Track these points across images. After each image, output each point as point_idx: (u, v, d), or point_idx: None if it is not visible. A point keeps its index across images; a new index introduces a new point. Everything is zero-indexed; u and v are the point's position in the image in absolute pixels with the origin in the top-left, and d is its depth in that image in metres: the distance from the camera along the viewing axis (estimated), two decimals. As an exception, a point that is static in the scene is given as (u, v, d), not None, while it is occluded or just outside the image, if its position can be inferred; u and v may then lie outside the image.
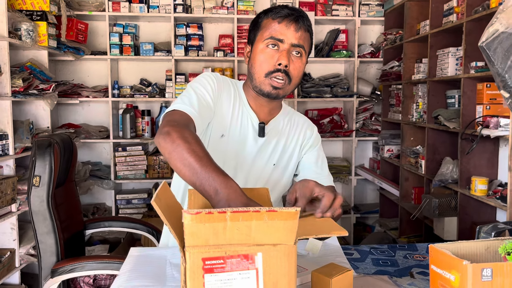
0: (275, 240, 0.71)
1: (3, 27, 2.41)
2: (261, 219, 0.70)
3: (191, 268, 0.69)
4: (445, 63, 2.66)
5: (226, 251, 0.70)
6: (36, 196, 1.78)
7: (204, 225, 0.68)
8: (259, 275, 0.71)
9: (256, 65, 1.29)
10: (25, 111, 2.91)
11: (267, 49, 1.27)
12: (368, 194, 4.00)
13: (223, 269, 0.70)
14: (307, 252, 1.27)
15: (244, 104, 1.38)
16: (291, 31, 1.25)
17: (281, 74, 1.26)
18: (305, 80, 3.71)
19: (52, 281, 1.77)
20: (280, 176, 1.42)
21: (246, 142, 1.36)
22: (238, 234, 0.69)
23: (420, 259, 1.26)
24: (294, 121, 1.48)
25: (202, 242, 0.69)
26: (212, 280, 0.69)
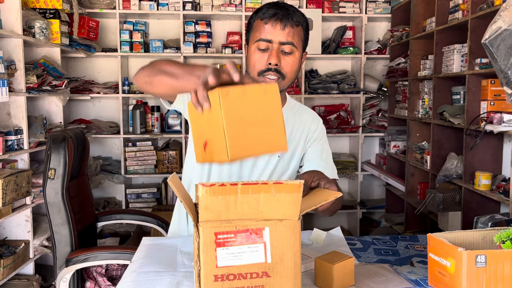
0: (281, 215, 0.77)
1: (18, 25, 2.48)
2: (269, 191, 0.75)
3: (204, 242, 0.73)
4: (451, 59, 2.69)
5: (237, 226, 0.75)
6: (51, 188, 1.85)
7: (217, 197, 0.73)
8: (267, 248, 0.76)
9: (250, 65, 1.37)
10: (39, 106, 2.98)
11: (258, 51, 1.34)
12: (374, 190, 4.04)
13: (234, 243, 0.75)
14: (312, 242, 1.33)
15: None
16: (278, 30, 1.31)
17: (272, 73, 1.33)
18: (312, 76, 3.75)
19: (66, 270, 1.84)
20: (285, 168, 1.47)
21: None
22: (247, 208, 0.74)
23: (421, 249, 1.30)
24: (299, 114, 1.53)
25: (215, 217, 0.74)
26: (223, 253, 0.74)
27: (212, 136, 0.87)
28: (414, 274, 1.11)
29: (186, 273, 1.11)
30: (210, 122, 0.86)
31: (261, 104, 0.87)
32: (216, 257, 0.74)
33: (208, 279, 0.73)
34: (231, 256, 0.75)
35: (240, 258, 0.75)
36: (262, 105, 0.87)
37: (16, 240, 2.58)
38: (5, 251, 2.42)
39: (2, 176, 2.19)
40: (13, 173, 2.29)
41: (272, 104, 0.87)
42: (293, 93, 3.64)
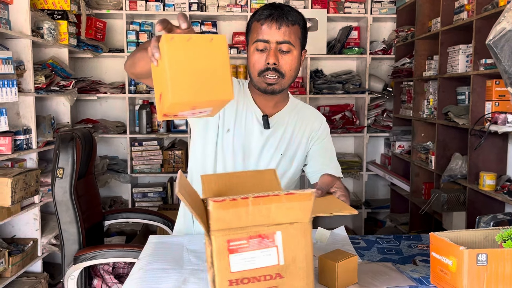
0: (292, 219, 0.78)
1: (27, 26, 2.52)
2: (280, 201, 0.76)
3: (218, 250, 0.75)
4: (456, 60, 2.69)
5: (249, 232, 0.76)
6: (60, 187, 1.88)
7: (228, 211, 0.75)
8: (279, 251, 0.77)
9: (250, 66, 1.41)
10: (47, 106, 3.02)
11: (257, 51, 1.38)
12: (379, 190, 4.04)
13: (247, 248, 0.76)
14: (316, 241, 1.34)
15: (249, 101, 1.47)
16: (274, 31, 1.35)
17: (271, 72, 1.37)
18: (317, 76, 3.76)
19: (74, 268, 1.87)
20: (287, 165, 1.49)
21: (253, 134, 1.45)
22: (259, 216, 0.76)
23: (424, 248, 1.32)
24: (302, 113, 1.55)
25: (226, 226, 0.75)
26: (236, 259, 0.75)
27: (163, 86, 0.89)
28: (417, 273, 1.13)
29: (193, 270, 1.13)
30: (161, 71, 0.88)
31: (207, 52, 0.88)
32: (229, 263, 0.75)
33: (223, 284, 0.75)
34: (245, 261, 0.76)
35: (253, 263, 0.76)
36: (208, 53, 0.88)
37: (24, 238, 2.62)
38: (13, 249, 2.46)
39: (11, 175, 2.22)
40: (22, 172, 2.32)
41: (218, 53, 0.89)
42: (298, 93, 3.66)
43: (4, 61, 2.19)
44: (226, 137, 1.44)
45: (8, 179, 2.19)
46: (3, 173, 2.25)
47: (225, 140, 1.44)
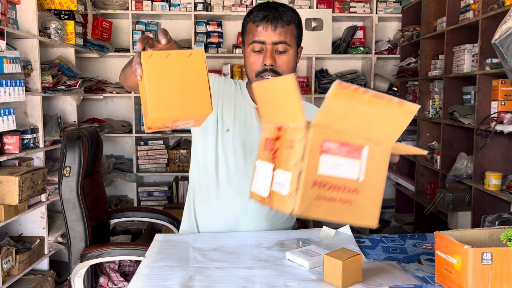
0: (381, 138, 0.79)
1: (34, 26, 2.54)
2: (391, 108, 0.77)
3: (312, 146, 0.73)
4: (461, 59, 2.69)
5: (344, 138, 0.75)
6: (67, 186, 1.90)
7: (342, 101, 0.74)
8: (362, 166, 0.78)
9: (247, 67, 1.42)
10: (54, 106, 3.05)
11: (253, 52, 1.39)
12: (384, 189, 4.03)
13: (337, 154, 0.75)
14: (321, 239, 1.35)
15: (247, 99, 1.48)
16: (270, 32, 1.36)
17: (269, 73, 1.38)
18: (322, 76, 3.76)
19: (81, 266, 1.88)
20: None
21: (253, 132, 1.46)
22: (357, 123, 0.76)
23: (429, 247, 1.32)
24: None
25: (328, 122, 0.74)
26: (326, 161, 0.74)
27: (145, 100, 0.92)
28: (422, 272, 1.13)
29: (198, 268, 1.14)
30: (143, 86, 0.92)
31: (186, 67, 0.91)
32: (318, 163, 0.74)
33: (308, 183, 0.73)
34: (332, 166, 0.75)
35: (339, 170, 0.75)
36: (187, 68, 0.91)
37: (31, 236, 2.65)
38: (20, 247, 2.48)
39: (19, 174, 2.25)
40: (29, 171, 2.35)
41: (197, 68, 0.92)
42: (303, 92, 3.67)
43: (12, 60, 2.21)
44: (226, 137, 1.45)
45: (15, 177, 2.21)
46: (11, 171, 2.27)
47: (225, 140, 1.45)
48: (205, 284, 1.05)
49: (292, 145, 0.76)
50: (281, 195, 0.76)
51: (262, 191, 0.83)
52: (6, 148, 2.31)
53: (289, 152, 0.76)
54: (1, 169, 2.32)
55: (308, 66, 3.82)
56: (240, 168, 1.45)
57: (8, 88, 2.19)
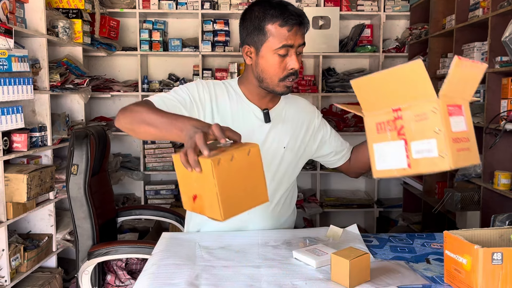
0: (467, 96, 0.97)
1: (42, 25, 2.55)
2: (477, 69, 0.95)
3: (443, 113, 0.90)
4: (471, 57, 2.66)
5: (453, 101, 0.92)
6: (74, 184, 1.91)
7: (463, 70, 0.92)
8: (465, 120, 0.94)
9: (269, 71, 1.37)
10: (61, 104, 3.06)
11: (279, 57, 1.35)
12: (391, 189, 4.02)
13: (455, 113, 0.93)
14: (328, 238, 1.34)
15: (243, 100, 1.46)
16: (299, 36, 1.35)
17: (293, 76, 1.38)
18: (330, 75, 3.75)
19: (88, 263, 1.89)
20: (292, 158, 1.50)
21: (253, 131, 1.45)
22: (460, 88, 0.93)
23: (437, 247, 1.31)
24: (296, 104, 1.57)
25: (448, 92, 0.90)
26: (453, 121, 0.92)
27: (203, 194, 0.97)
28: (430, 271, 1.12)
29: (205, 266, 1.14)
30: (200, 181, 0.96)
31: (247, 165, 0.98)
32: (450, 124, 0.91)
33: (449, 140, 0.90)
34: (455, 124, 0.92)
35: (459, 126, 0.93)
36: (247, 165, 0.98)
37: (39, 233, 2.66)
38: (29, 244, 2.50)
39: (27, 172, 2.26)
40: (38, 169, 2.36)
41: (255, 163, 1.00)
42: (310, 91, 3.65)
43: (20, 59, 2.22)
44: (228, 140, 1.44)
45: (24, 175, 2.23)
46: (19, 169, 2.29)
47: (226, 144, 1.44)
48: (211, 283, 1.05)
49: (426, 116, 0.92)
50: (431, 158, 0.92)
51: (398, 164, 0.97)
52: (15, 146, 2.32)
53: (423, 123, 0.92)
54: (9, 167, 2.33)
55: (315, 64, 3.81)
56: None
57: (16, 86, 2.20)
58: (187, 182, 1.01)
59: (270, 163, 1.46)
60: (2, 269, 2.21)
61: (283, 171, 1.48)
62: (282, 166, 1.48)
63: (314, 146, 1.57)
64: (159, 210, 2.38)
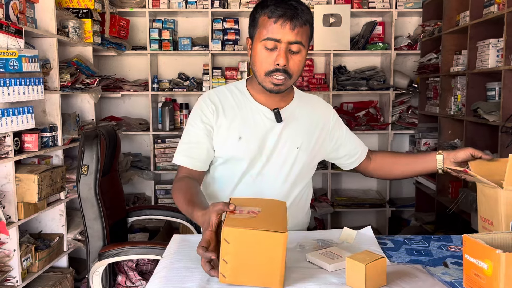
0: None
1: (52, 25, 2.55)
2: None
3: None
4: (485, 54, 2.61)
5: None
6: (85, 184, 1.90)
7: None
8: None
9: (256, 64, 1.35)
10: (72, 104, 3.06)
11: (265, 49, 1.32)
12: (403, 188, 3.97)
13: None
14: (342, 241, 1.31)
15: (251, 101, 1.44)
16: (287, 30, 1.29)
17: (279, 73, 1.32)
18: (341, 73, 3.71)
19: (99, 264, 1.88)
20: (306, 159, 1.46)
21: (265, 134, 1.42)
22: None
23: (455, 250, 1.27)
24: (311, 102, 1.53)
25: None
26: None
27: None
28: (448, 276, 1.09)
29: (217, 269, 1.12)
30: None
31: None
32: None
33: None
34: None
35: None
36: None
37: (51, 233, 2.67)
38: (40, 244, 2.51)
39: (38, 172, 2.26)
40: (49, 169, 2.36)
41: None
42: (321, 89, 3.62)
43: (31, 59, 2.22)
44: (240, 144, 1.41)
45: (35, 175, 2.23)
46: (30, 169, 2.29)
47: (240, 148, 1.41)
48: (223, 286, 1.03)
49: None
50: None
51: None
52: (26, 147, 2.33)
53: None
54: (20, 167, 2.33)
55: (326, 62, 3.77)
56: (257, 171, 1.42)
57: (27, 86, 2.20)
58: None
59: (283, 164, 1.43)
60: (13, 270, 2.21)
61: (296, 172, 1.45)
62: (295, 167, 1.45)
63: (330, 146, 1.54)
64: (170, 210, 2.37)
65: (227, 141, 1.42)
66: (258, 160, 1.42)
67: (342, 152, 1.55)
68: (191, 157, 1.41)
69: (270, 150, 1.43)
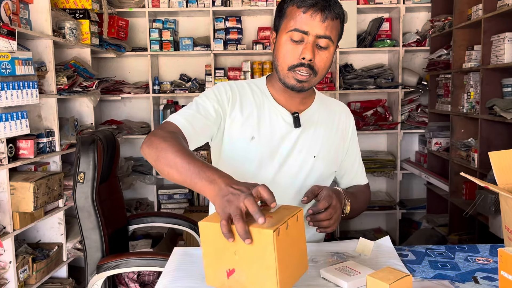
0: None
1: (48, 26, 2.45)
2: None
3: None
4: (501, 49, 2.48)
5: None
6: (81, 193, 1.80)
7: None
8: None
9: (279, 57, 1.23)
10: (70, 108, 2.96)
11: (291, 42, 1.20)
12: (414, 189, 3.84)
13: None
14: (359, 253, 1.20)
15: (270, 101, 1.32)
16: (317, 22, 1.17)
17: (304, 69, 1.20)
18: (347, 71, 3.59)
19: (97, 277, 1.78)
20: (323, 169, 1.35)
21: (281, 138, 1.30)
22: None
23: (484, 262, 1.16)
24: (331, 108, 1.41)
25: None
26: None
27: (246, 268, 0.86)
28: (481, 294, 0.97)
29: None
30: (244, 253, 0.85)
31: (295, 232, 0.90)
32: None
33: None
34: None
35: None
36: (296, 233, 0.90)
37: (49, 243, 2.57)
38: (38, 255, 2.41)
39: (33, 180, 2.16)
40: (45, 176, 2.26)
41: (301, 229, 0.93)
42: (327, 89, 3.50)
43: (24, 62, 2.12)
44: (251, 145, 1.29)
45: (30, 184, 2.13)
46: (26, 177, 2.19)
47: (251, 149, 1.29)
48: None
49: None
50: None
51: None
52: (21, 153, 2.23)
53: None
54: (16, 174, 2.23)
55: (331, 61, 3.65)
56: (269, 178, 1.30)
57: (20, 90, 2.10)
58: (219, 255, 0.88)
59: (298, 173, 1.31)
60: (9, 282, 2.11)
61: (312, 183, 1.32)
62: (311, 177, 1.33)
63: (343, 157, 1.43)
64: (172, 217, 2.27)
65: (238, 139, 1.30)
66: (269, 165, 1.30)
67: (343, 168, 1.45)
68: (191, 124, 1.19)
69: (283, 157, 1.30)
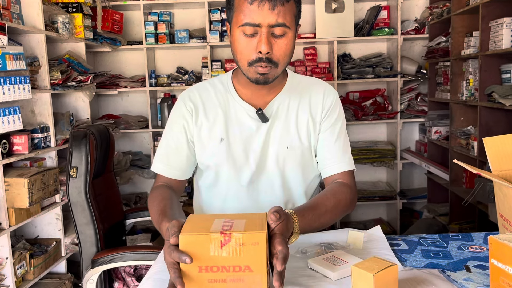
0: None
1: (40, 20, 2.43)
2: None
3: None
4: (499, 35, 2.44)
5: None
6: (74, 187, 1.79)
7: None
8: None
9: (237, 53, 1.16)
10: (65, 103, 2.95)
11: (244, 36, 1.12)
12: (415, 179, 3.81)
13: None
14: (349, 244, 1.18)
15: (235, 99, 1.28)
16: (266, 11, 1.08)
17: (263, 63, 1.13)
18: (345, 61, 3.55)
19: (92, 272, 1.77)
20: (300, 158, 1.29)
21: (250, 134, 1.27)
22: None
23: (477, 250, 1.14)
24: (305, 89, 1.31)
25: None
26: None
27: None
28: (472, 282, 0.95)
29: (208, 282, 0.99)
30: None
31: None
32: None
33: None
34: None
35: None
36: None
37: (47, 238, 2.57)
38: (36, 250, 2.40)
39: (28, 176, 2.15)
40: (39, 172, 2.25)
41: None
42: (325, 79, 3.46)
43: (15, 57, 2.11)
44: (222, 146, 1.26)
45: (24, 179, 2.12)
46: (20, 173, 2.18)
47: (222, 150, 1.26)
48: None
49: None
50: None
51: None
52: (15, 149, 2.22)
53: None
54: (10, 170, 2.23)
55: (330, 50, 3.62)
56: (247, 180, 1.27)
57: (12, 86, 2.08)
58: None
59: (275, 168, 1.28)
60: (6, 278, 2.11)
61: (293, 175, 1.29)
62: (290, 169, 1.29)
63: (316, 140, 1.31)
64: (169, 211, 2.26)
65: (208, 144, 1.27)
66: (245, 166, 1.27)
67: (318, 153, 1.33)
68: (169, 165, 1.28)
69: (258, 154, 1.27)
